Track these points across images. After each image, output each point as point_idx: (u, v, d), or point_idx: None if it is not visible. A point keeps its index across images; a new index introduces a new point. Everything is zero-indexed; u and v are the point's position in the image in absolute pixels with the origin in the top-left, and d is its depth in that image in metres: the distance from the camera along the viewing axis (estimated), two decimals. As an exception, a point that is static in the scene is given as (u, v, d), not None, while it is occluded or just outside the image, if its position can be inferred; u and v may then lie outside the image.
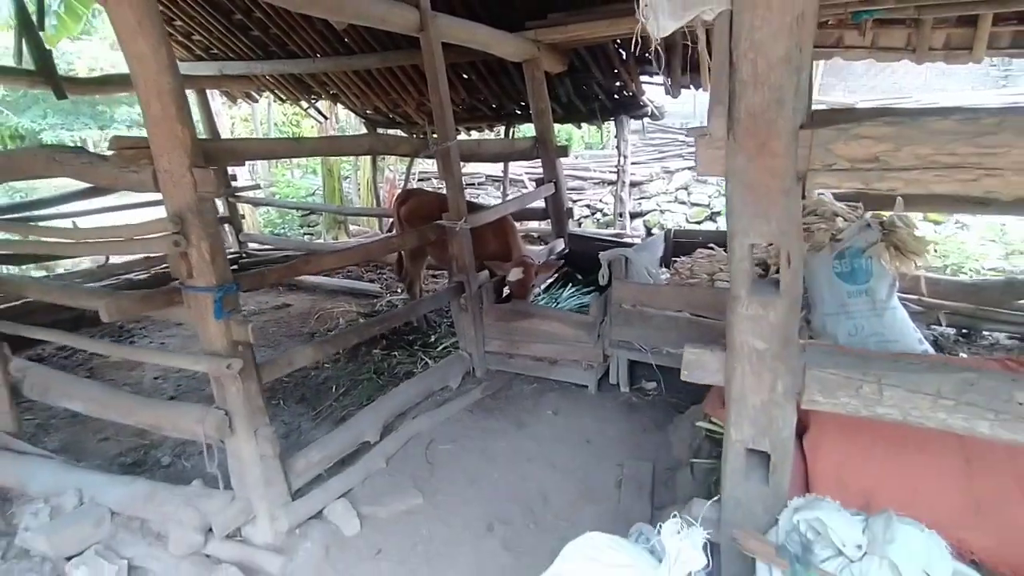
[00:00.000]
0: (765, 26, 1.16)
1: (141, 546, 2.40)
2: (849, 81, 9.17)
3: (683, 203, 9.14)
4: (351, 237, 8.89)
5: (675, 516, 1.36)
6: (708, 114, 1.31)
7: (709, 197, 8.89)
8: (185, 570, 2.28)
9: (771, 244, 1.33)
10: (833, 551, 1.32)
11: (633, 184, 9.70)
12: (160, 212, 2.16)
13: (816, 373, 1.33)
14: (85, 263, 6.35)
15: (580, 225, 9.48)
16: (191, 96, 7.33)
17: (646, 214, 9.28)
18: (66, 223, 5.34)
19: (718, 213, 8.66)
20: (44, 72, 5.16)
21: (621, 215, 7.14)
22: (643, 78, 5.88)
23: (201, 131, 7.21)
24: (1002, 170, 1.06)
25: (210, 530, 2.37)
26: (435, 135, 3.73)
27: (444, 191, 4.00)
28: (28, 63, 5.07)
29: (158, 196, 2.11)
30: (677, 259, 4.57)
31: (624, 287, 3.43)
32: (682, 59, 5.20)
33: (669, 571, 1.29)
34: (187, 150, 2.02)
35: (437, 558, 2.37)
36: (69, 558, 2.32)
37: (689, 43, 4.55)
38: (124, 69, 2.10)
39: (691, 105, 10.43)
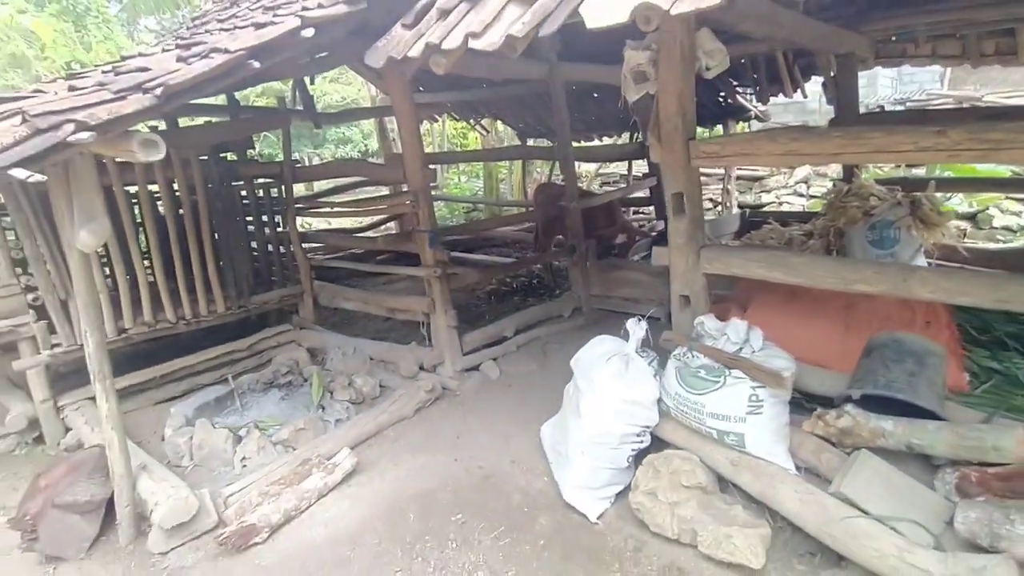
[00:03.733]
0: (667, 98, 2.69)
1: (384, 374, 4.43)
2: (980, 74, 9.13)
3: (801, 195, 9.83)
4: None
5: (636, 317, 2.91)
6: (648, 133, 2.85)
7: (826, 191, 9.50)
8: (407, 384, 4.25)
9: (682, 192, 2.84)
10: (710, 339, 2.78)
11: (754, 179, 10.59)
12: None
13: (704, 254, 2.82)
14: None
15: (702, 217, 10.60)
16: (389, 121, 9.88)
17: (765, 206, 10.11)
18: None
19: (834, 204, 9.25)
20: (308, 110, 7.75)
21: (728, 205, 8.26)
22: (740, 89, 7.08)
23: (397, 146, 9.72)
24: (761, 155, 2.48)
25: (420, 367, 4.33)
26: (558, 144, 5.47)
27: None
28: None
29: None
30: (749, 233, 5.82)
31: (685, 246, 4.86)
32: (767, 73, 6.34)
33: (630, 342, 2.86)
34: (420, 158, 3.98)
35: (542, 390, 4.08)
36: (351, 375, 4.42)
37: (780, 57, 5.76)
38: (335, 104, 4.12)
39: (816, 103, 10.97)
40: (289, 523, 2.92)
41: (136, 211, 4.46)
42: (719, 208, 10.63)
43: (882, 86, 13.12)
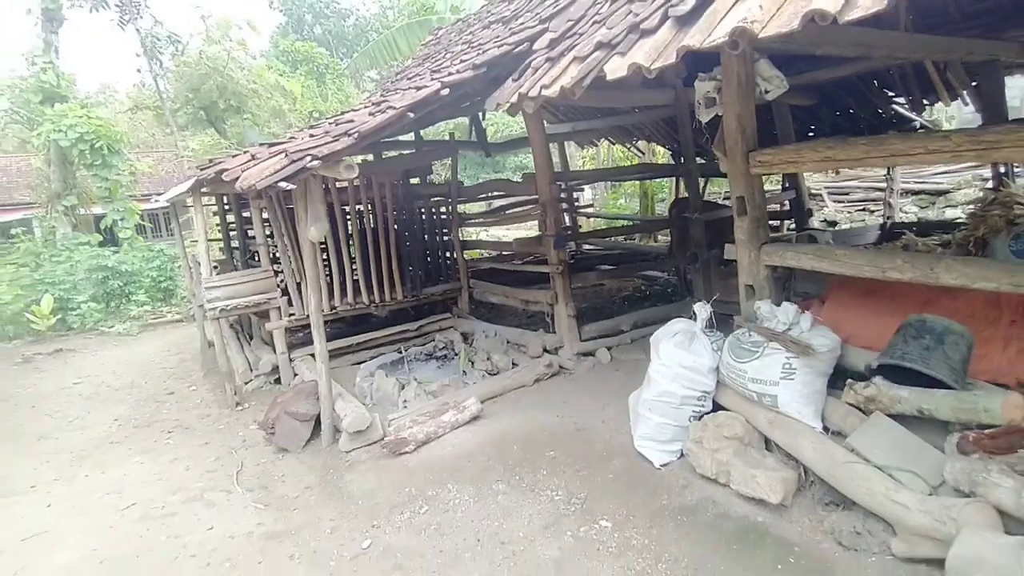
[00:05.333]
0: (729, 118, 3.23)
1: (516, 354, 5.37)
2: None
3: (995, 210, 8.80)
4: (656, 243, 11.42)
5: (703, 301, 3.44)
6: (714, 148, 3.38)
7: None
8: (533, 363, 5.11)
9: (740, 196, 3.33)
10: (766, 320, 3.22)
11: (939, 192, 9.72)
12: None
13: (765, 248, 3.27)
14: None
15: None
16: (553, 146, 11.00)
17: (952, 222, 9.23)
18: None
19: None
20: (480, 141, 9.14)
21: (890, 218, 7.85)
22: (899, 100, 6.87)
23: (557, 166, 10.79)
24: (804, 162, 2.91)
25: (545, 349, 5.19)
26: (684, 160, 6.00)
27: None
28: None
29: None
30: (883, 243, 5.76)
31: (800, 254, 5.09)
32: (923, 84, 6.15)
33: (697, 321, 3.41)
34: (548, 177, 4.90)
35: (644, 374, 4.68)
36: (490, 353, 5.42)
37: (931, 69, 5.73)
38: (515, 133, 5.12)
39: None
40: (428, 442, 3.96)
41: (348, 224, 6.03)
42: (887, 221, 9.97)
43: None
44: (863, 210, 10.40)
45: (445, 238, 6.56)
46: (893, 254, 2.80)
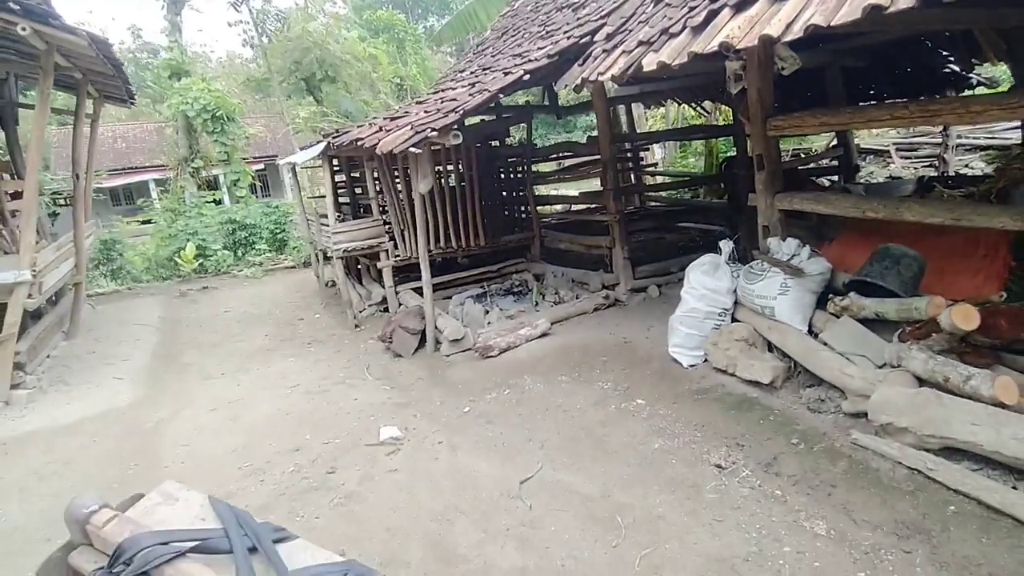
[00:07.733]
0: (752, 91, 4.03)
1: (580, 290, 6.42)
2: None
3: (1066, 165, 8.83)
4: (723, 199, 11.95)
5: (725, 240, 4.33)
6: (740, 115, 4.19)
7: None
8: (593, 296, 6.15)
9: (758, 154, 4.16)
10: (775, 253, 4.09)
11: (1006, 147, 9.74)
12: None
13: (777, 196, 4.11)
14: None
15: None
16: (621, 107, 11.67)
17: None
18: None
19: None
20: (552, 105, 9.99)
21: (944, 172, 8.17)
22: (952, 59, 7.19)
23: (624, 127, 11.50)
24: (806, 127, 3.70)
25: (603, 285, 6.21)
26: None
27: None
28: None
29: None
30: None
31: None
32: (970, 45, 6.49)
33: (723, 254, 4.32)
34: (610, 140, 5.81)
35: (686, 305, 5.63)
36: (557, 289, 6.51)
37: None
38: (584, 97, 6.03)
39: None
40: (508, 350, 5.14)
41: (440, 181, 7.19)
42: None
43: None
44: (929, 166, 10.50)
45: (520, 193, 7.62)
46: (870, 198, 3.60)
